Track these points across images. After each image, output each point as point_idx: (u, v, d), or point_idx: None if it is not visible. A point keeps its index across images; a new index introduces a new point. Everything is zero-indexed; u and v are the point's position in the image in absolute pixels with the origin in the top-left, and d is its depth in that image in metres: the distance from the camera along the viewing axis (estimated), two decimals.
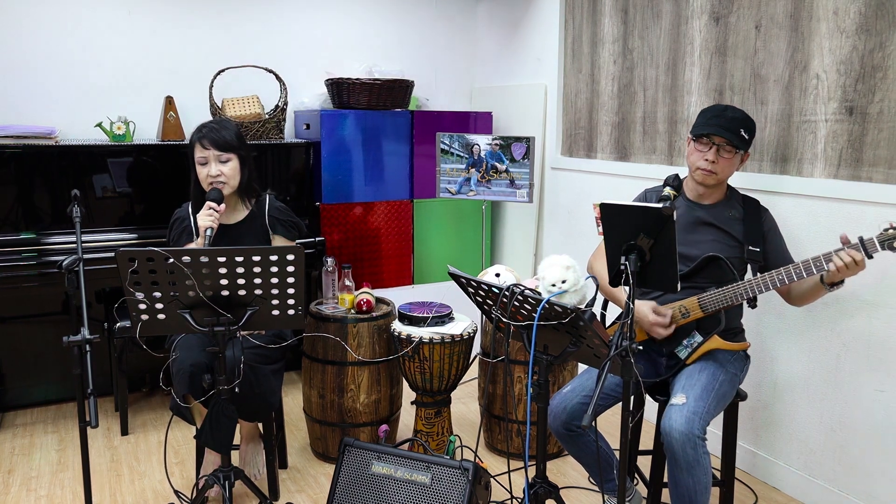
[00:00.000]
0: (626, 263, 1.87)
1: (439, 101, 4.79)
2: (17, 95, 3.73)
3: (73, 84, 3.84)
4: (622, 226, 1.90)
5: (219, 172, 2.61)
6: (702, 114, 2.40)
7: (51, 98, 3.79)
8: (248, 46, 4.19)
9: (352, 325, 2.96)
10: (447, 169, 3.93)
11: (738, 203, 2.45)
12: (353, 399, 2.99)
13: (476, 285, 2.05)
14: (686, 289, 2.37)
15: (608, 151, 3.76)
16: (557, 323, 1.87)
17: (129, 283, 1.99)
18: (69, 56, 3.81)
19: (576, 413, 2.34)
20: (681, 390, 2.21)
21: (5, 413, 3.59)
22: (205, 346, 2.41)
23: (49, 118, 3.77)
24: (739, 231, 2.40)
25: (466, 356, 2.98)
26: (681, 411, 2.12)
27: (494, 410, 3.14)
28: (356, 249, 4.10)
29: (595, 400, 1.71)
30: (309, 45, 4.37)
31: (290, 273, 2.07)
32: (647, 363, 2.46)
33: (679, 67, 3.27)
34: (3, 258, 3.28)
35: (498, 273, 3.01)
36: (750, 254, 2.37)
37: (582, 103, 3.93)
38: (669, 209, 1.79)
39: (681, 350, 2.37)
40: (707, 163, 2.35)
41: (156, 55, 4.00)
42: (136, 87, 3.97)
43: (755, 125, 2.41)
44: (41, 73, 3.76)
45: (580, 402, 2.35)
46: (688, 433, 2.07)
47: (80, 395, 2.07)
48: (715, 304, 2.30)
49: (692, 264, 2.37)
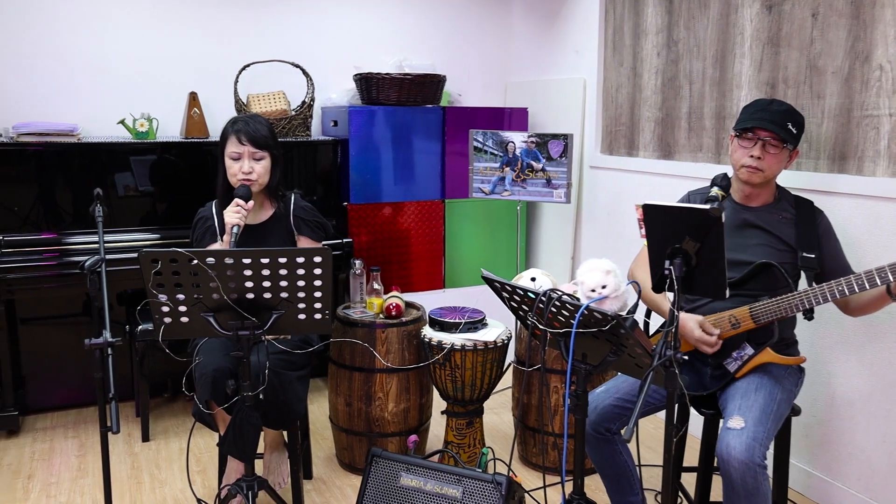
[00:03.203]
0: (670, 268, 1.85)
1: (472, 97, 4.79)
2: (39, 92, 3.81)
3: (96, 80, 3.91)
4: (666, 228, 1.87)
5: (251, 170, 2.63)
6: (745, 109, 2.36)
7: (73, 94, 3.87)
8: (273, 40, 4.24)
9: (380, 331, 2.97)
10: (480, 168, 3.92)
11: (790, 205, 2.40)
12: (381, 408, 3.00)
13: (511, 290, 2.04)
14: (735, 297, 2.33)
15: (651, 149, 3.73)
16: (597, 330, 1.86)
17: (151, 284, 2.02)
18: (91, 52, 3.89)
19: (607, 415, 2.33)
20: (737, 412, 2.15)
21: (25, 416, 3.67)
22: (229, 350, 2.43)
23: (71, 115, 3.85)
24: (791, 235, 2.35)
25: (500, 364, 2.98)
26: (740, 437, 2.05)
27: (529, 422, 3.13)
28: (385, 251, 4.12)
29: (637, 413, 1.69)
30: (337, 38, 4.41)
31: (317, 276, 2.08)
32: (690, 373, 2.42)
33: (728, 59, 3.23)
34: (23, 258, 3.35)
35: (534, 277, 3.00)
36: (804, 261, 2.31)
37: (623, 98, 3.90)
38: (718, 210, 1.77)
39: (730, 363, 2.32)
40: (752, 159, 2.30)
41: (179, 50, 4.06)
42: (159, 83, 4.03)
43: (804, 119, 2.36)
44: (63, 70, 3.84)
45: (613, 405, 2.33)
46: (748, 462, 2.01)
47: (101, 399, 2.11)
48: (768, 315, 2.25)
49: (744, 271, 2.32)
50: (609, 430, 2.36)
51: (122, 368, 3.73)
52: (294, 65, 4.04)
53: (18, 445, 3.37)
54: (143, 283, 2.03)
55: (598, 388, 2.41)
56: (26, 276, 3.33)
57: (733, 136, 2.37)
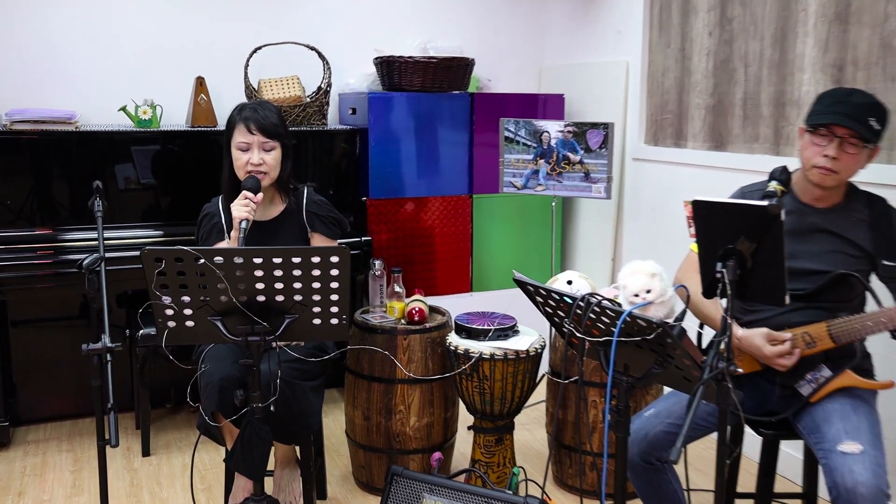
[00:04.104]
0: (722, 271, 1.83)
1: (503, 83, 4.78)
2: (35, 76, 3.87)
3: (95, 64, 3.96)
4: (719, 227, 1.86)
5: (261, 161, 2.65)
6: (820, 99, 2.26)
7: (71, 79, 3.93)
8: (287, 21, 4.26)
9: (402, 338, 2.98)
10: (512, 160, 3.92)
11: (862, 204, 2.32)
12: (402, 422, 3.01)
13: (545, 294, 2.04)
14: (806, 310, 2.26)
15: (701, 139, 3.71)
16: (641, 339, 1.85)
17: (154, 285, 2.04)
18: (91, 33, 3.94)
19: (659, 442, 2.29)
20: (845, 435, 2.08)
21: (16, 428, 3.72)
22: (237, 358, 2.45)
23: (69, 101, 3.89)
24: (866, 240, 2.27)
25: (533, 376, 2.97)
26: (863, 462, 1.99)
27: (565, 440, 3.12)
28: (407, 251, 4.13)
29: (685, 431, 1.68)
30: (356, 19, 4.42)
31: (333, 277, 2.09)
32: (753, 393, 2.36)
33: (789, 39, 3.20)
34: (16, 256, 3.40)
35: (570, 280, 3.00)
36: (886, 270, 2.21)
37: (670, 83, 3.88)
38: (776, 207, 1.75)
39: (803, 385, 2.26)
40: (827, 160, 2.20)
41: (185, 31, 4.10)
42: (163, 67, 4.07)
43: (888, 112, 2.24)
44: (61, 52, 3.90)
45: (664, 431, 2.29)
46: (877, 489, 1.95)
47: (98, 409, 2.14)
48: (850, 334, 2.17)
49: (817, 282, 2.25)
50: (660, 458, 2.31)
51: (122, 376, 3.77)
52: (309, 47, 4.06)
53: (8, 459, 3.42)
54: (144, 284, 2.05)
55: (645, 410, 2.38)
56: (19, 276, 3.38)
57: (804, 131, 2.27)
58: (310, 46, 4.06)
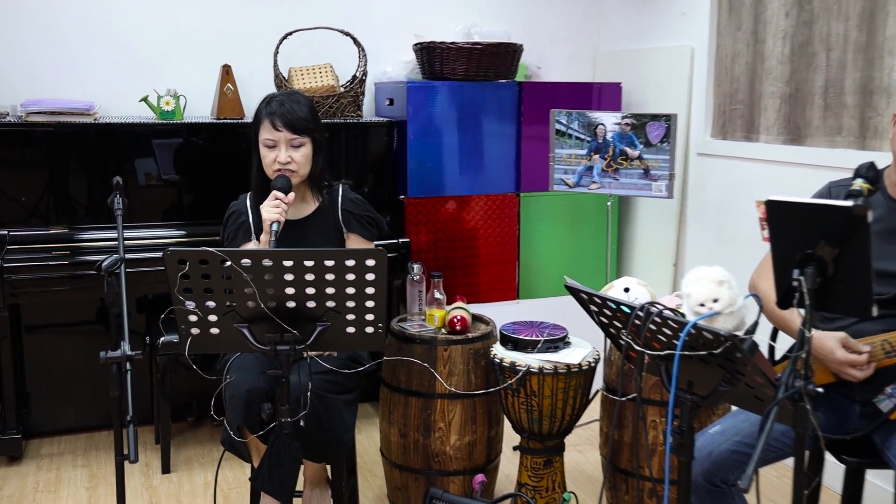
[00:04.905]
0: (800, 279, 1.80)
1: (554, 70, 4.77)
2: (52, 64, 3.94)
3: (115, 51, 4.03)
4: (796, 229, 1.83)
5: (289, 159, 2.67)
6: None
7: (89, 68, 3.99)
8: (320, 4, 4.29)
9: (442, 349, 2.98)
10: (563, 155, 3.90)
11: None
12: (441, 440, 3.01)
13: (600, 302, 2.03)
14: (888, 317, 2.24)
15: (775, 132, 3.67)
16: (707, 353, 1.84)
17: (178, 289, 2.06)
18: (110, 18, 4.00)
19: (723, 463, 2.28)
20: None
21: (29, 441, 3.79)
22: (265, 368, 2.47)
23: (87, 91, 3.95)
24: None
25: (586, 392, 2.96)
26: None
27: (621, 463, 3.09)
28: (448, 254, 4.13)
29: (757, 457, 1.66)
30: (394, 1, 4.44)
31: (369, 282, 2.10)
32: (831, 412, 2.35)
33: (878, 19, 3.15)
34: (30, 256, 3.46)
35: (627, 288, 2.98)
36: None
37: (741, 70, 3.85)
38: (862, 208, 1.72)
39: (882, 400, 2.25)
40: None
41: (211, 16, 4.15)
42: (187, 55, 4.13)
43: None
44: (79, 39, 3.97)
45: (730, 450, 2.28)
46: None
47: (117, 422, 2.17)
48: None
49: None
50: (726, 481, 2.30)
51: (141, 387, 3.82)
52: (344, 33, 4.08)
53: (20, 474, 3.49)
54: (166, 288, 2.07)
55: (710, 427, 2.36)
56: (33, 278, 3.44)
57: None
58: (344, 32, 4.08)
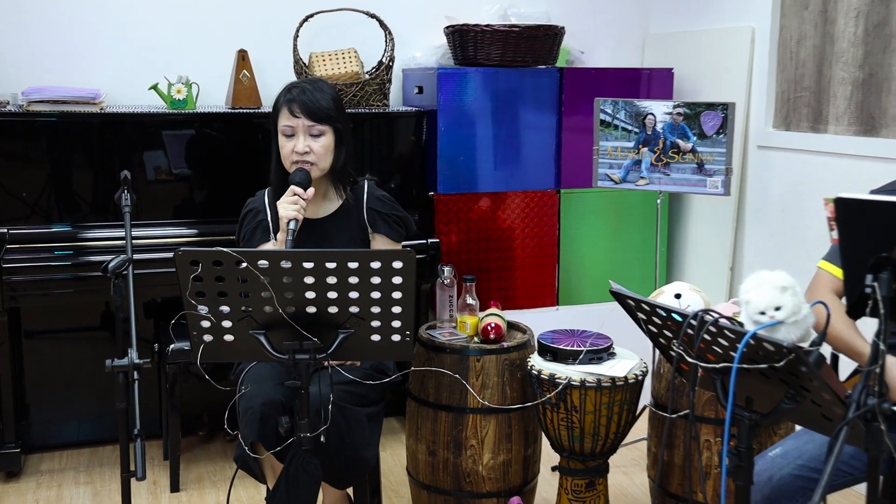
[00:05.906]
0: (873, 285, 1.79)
1: (598, 55, 4.76)
2: (55, 50, 3.99)
3: (123, 36, 4.06)
4: (868, 230, 1.82)
5: (307, 149, 2.69)
6: None
7: (95, 53, 4.03)
8: None
9: (475, 359, 2.98)
10: (609, 148, 3.89)
11: None
12: (473, 459, 3.01)
13: (649, 309, 2.02)
14: None
15: (846, 122, 3.64)
16: (768, 367, 1.83)
17: (189, 292, 2.08)
18: (118, 1, 4.06)
19: (785, 488, 2.27)
20: None
21: (29, 455, 3.82)
22: (283, 379, 2.49)
23: (93, 79, 3.99)
24: None
25: (632, 408, 2.95)
26: None
27: (671, 487, 3.08)
28: (481, 256, 4.14)
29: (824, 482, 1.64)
30: None
31: (396, 286, 2.11)
32: None
33: None
34: (31, 256, 3.49)
35: (679, 294, 2.97)
36: None
37: (807, 53, 3.82)
38: None
39: None
40: None
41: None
42: (200, 40, 4.16)
43: None
44: (84, 23, 4.01)
45: (793, 474, 2.27)
46: None
47: (123, 436, 2.19)
48: None
49: None
50: None
51: (149, 398, 3.84)
52: (369, 15, 4.09)
53: (19, 491, 3.53)
54: (177, 291, 2.09)
55: (770, 448, 2.35)
56: (34, 279, 3.47)
57: None
58: (369, 14, 4.10)
